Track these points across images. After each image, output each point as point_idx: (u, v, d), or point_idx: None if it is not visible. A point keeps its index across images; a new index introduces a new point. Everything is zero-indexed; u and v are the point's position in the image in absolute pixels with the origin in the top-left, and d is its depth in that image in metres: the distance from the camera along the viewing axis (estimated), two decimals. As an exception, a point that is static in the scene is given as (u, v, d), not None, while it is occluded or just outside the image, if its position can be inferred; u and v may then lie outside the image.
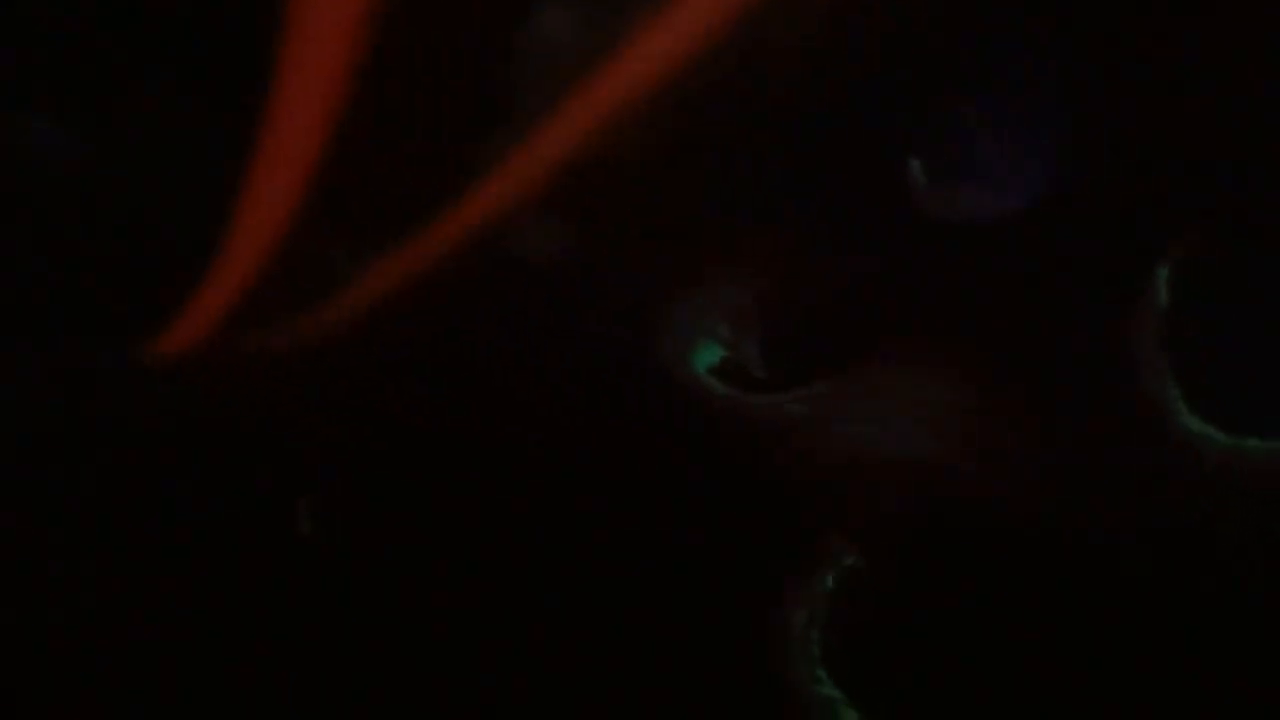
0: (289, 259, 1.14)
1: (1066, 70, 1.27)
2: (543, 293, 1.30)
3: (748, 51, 1.21)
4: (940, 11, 1.25)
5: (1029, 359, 1.29)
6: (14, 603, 1.27)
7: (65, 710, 1.27)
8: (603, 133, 1.15)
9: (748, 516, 1.29)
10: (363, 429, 1.30)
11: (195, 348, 1.19)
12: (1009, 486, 1.27)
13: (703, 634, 1.28)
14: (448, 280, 1.27)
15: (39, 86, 1.23)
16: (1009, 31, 1.26)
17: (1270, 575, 1.25)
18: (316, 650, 1.29)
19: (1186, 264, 1.27)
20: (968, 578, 1.26)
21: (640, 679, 1.28)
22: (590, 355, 1.30)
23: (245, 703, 1.27)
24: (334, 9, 1.08)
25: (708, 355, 1.31)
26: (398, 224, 1.15)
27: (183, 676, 1.28)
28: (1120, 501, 1.26)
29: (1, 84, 1.22)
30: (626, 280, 1.30)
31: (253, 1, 1.12)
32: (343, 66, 1.08)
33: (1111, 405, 1.27)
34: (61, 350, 1.27)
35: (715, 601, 1.28)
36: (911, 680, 1.25)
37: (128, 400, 1.27)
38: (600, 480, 1.30)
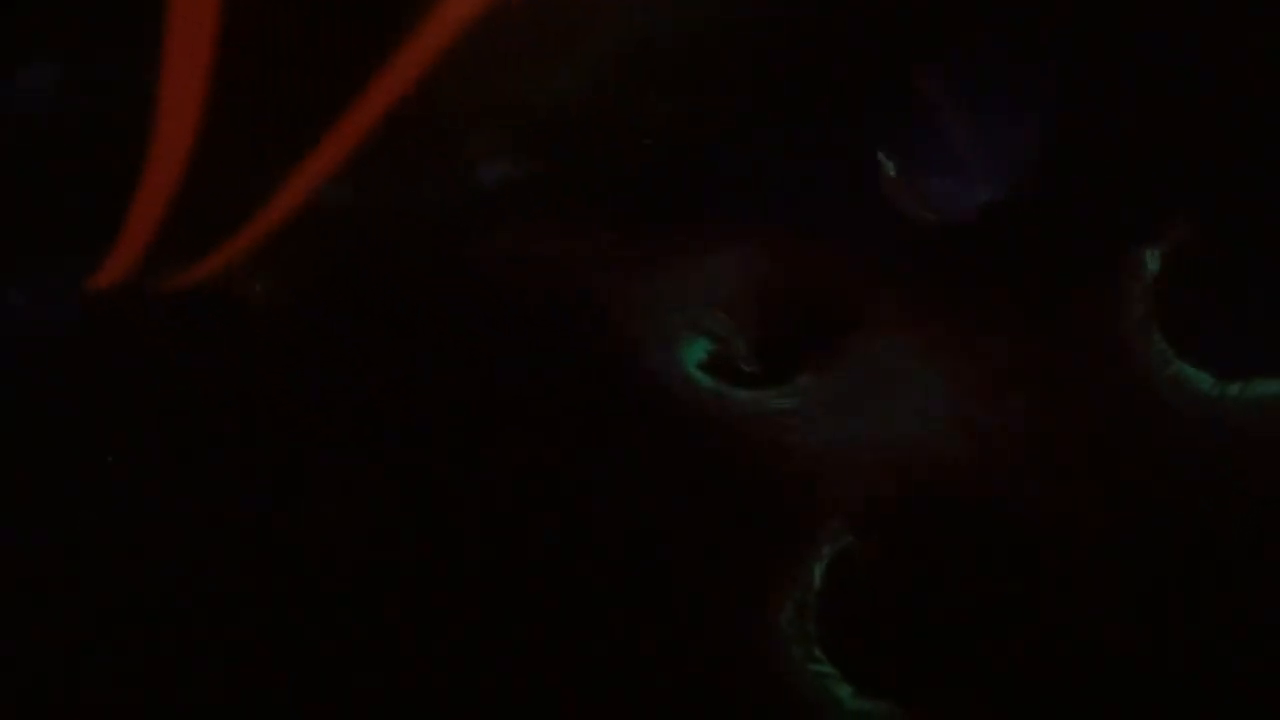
0: (203, 183, 1.15)
1: (1037, 55, 1.30)
2: (523, 288, 1.32)
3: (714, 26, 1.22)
4: None
5: (1016, 340, 1.32)
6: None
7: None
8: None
9: (740, 504, 1.32)
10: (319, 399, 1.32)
11: (123, 283, 1.21)
12: (999, 467, 1.30)
13: (696, 619, 1.31)
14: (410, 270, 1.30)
15: (42, 30, 1.24)
16: (979, 15, 1.27)
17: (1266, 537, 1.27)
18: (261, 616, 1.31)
19: (1176, 245, 1.30)
20: (957, 555, 1.29)
21: (634, 664, 1.30)
22: (566, 348, 1.32)
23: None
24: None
25: (695, 351, 1.33)
26: (304, 130, 1.15)
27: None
28: (1113, 475, 1.30)
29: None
30: (605, 272, 1.32)
31: None
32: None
33: (1100, 381, 1.31)
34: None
35: (708, 587, 1.31)
36: (904, 655, 1.28)
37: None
38: (581, 473, 1.32)
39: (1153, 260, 1.30)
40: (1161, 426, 1.30)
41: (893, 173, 1.31)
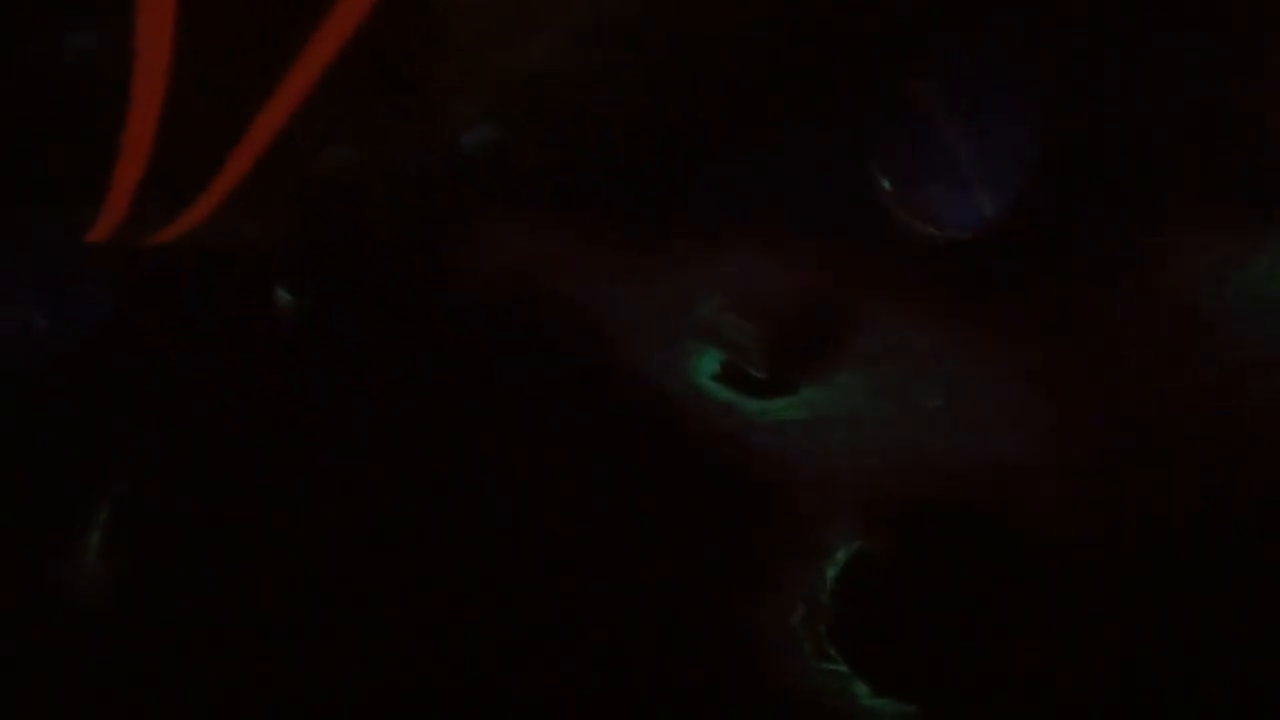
0: (177, 133, 1.17)
1: (1034, 53, 1.31)
2: (522, 290, 1.34)
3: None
4: None
5: (1026, 347, 1.33)
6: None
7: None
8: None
9: (751, 508, 1.34)
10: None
11: (113, 237, 1.23)
12: (1008, 471, 1.33)
13: (709, 621, 1.33)
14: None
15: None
16: (971, 14, 1.28)
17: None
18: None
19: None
20: (969, 556, 1.32)
21: (648, 666, 1.33)
22: (573, 352, 1.35)
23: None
24: None
25: (707, 361, 1.35)
26: (265, 72, 1.16)
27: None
28: (1123, 478, 1.32)
29: None
30: (607, 274, 1.35)
31: None
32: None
33: (1109, 386, 1.32)
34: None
35: (720, 590, 1.33)
36: (919, 655, 1.30)
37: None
38: (591, 478, 1.35)
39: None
40: (1164, 429, 1.32)
41: (888, 187, 1.31)
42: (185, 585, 1.35)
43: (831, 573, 1.32)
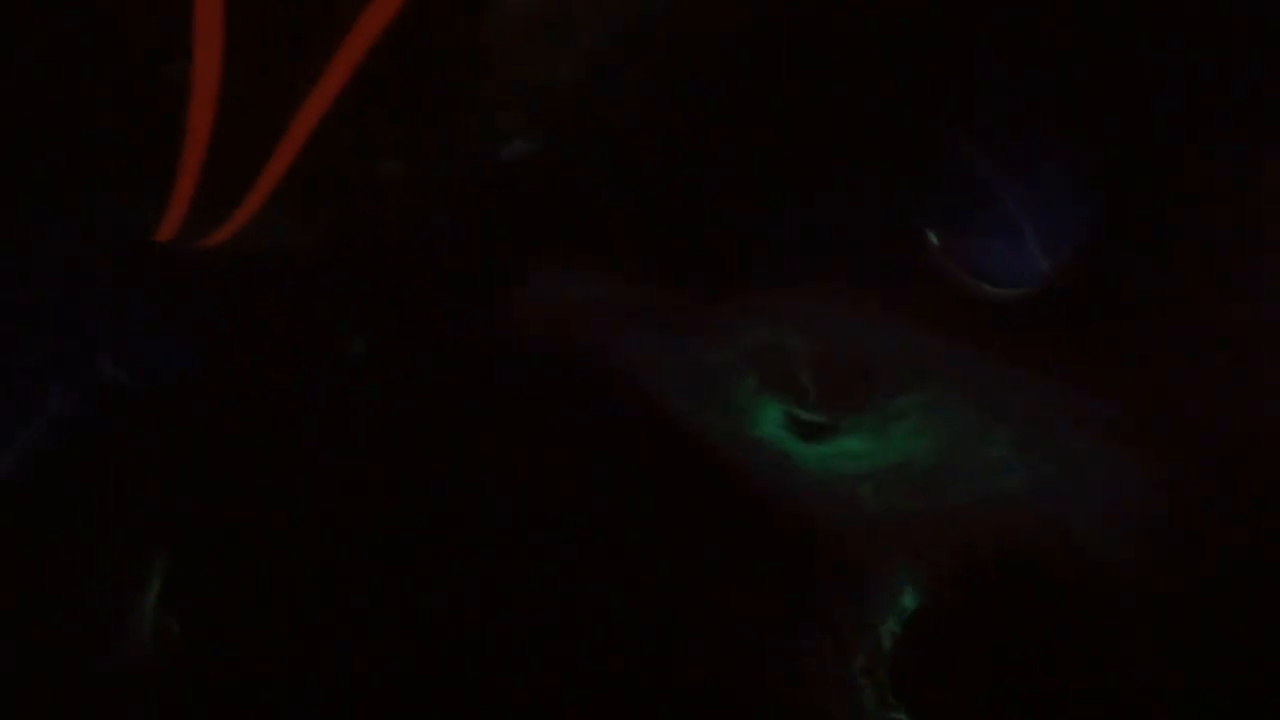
0: (229, 134, 1.21)
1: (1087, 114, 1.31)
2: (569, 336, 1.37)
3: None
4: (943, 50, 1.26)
5: (1087, 398, 1.34)
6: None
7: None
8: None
9: (810, 560, 1.36)
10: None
11: (177, 237, 1.28)
12: (1069, 524, 1.33)
13: (772, 669, 1.35)
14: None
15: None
16: (1024, 71, 1.28)
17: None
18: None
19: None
20: (1032, 606, 1.33)
21: (706, 712, 1.35)
22: (629, 401, 1.37)
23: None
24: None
25: (769, 414, 1.37)
26: (300, 77, 1.19)
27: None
28: (1184, 529, 1.32)
29: None
30: (658, 321, 1.37)
31: None
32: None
33: (1169, 436, 1.33)
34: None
35: (783, 639, 1.35)
36: (982, 702, 1.31)
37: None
38: (650, 531, 1.37)
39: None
40: (1237, 478, 1.32)
41: (936, 242, 1.31)
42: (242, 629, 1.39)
43: (894, 622, 1.34)
